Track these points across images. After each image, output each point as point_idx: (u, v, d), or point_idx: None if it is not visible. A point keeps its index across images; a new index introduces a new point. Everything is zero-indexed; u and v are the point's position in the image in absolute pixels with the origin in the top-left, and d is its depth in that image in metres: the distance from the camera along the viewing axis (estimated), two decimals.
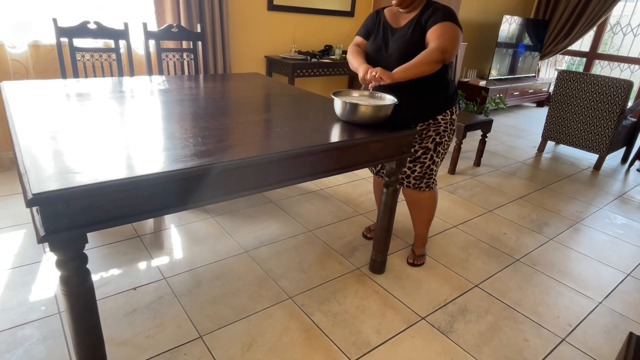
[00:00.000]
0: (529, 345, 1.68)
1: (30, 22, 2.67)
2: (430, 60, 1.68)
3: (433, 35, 1.72)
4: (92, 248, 2.04)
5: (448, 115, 1.93)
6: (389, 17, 1.91)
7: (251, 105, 1.93)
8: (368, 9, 4.38)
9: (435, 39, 1.71)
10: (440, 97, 1.90)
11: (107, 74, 2.85)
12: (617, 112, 3.56)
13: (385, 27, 1.90)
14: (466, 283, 2.03)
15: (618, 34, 5.74)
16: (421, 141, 1.95)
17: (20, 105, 1.58)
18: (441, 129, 1.94)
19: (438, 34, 1.71)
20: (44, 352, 1.45)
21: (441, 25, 1.72)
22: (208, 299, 1.77)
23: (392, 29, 1.87)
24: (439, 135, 1.94)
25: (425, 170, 1.99)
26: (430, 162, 1.98)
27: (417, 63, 1.68)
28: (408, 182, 2.04)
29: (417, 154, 1.97)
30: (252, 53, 3.76)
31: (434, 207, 2.11)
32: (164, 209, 1.16)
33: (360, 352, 1.57)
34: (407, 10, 1.83)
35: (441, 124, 1.93)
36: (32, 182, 0.98)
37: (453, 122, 1.97)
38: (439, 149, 1.97)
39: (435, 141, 1.95)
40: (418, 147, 1.96)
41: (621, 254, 2.43)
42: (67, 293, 1.09)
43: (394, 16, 1.89)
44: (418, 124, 1.93)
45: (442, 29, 1.72)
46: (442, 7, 1.76)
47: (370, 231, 2.36)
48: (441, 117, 1.92)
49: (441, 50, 1.68)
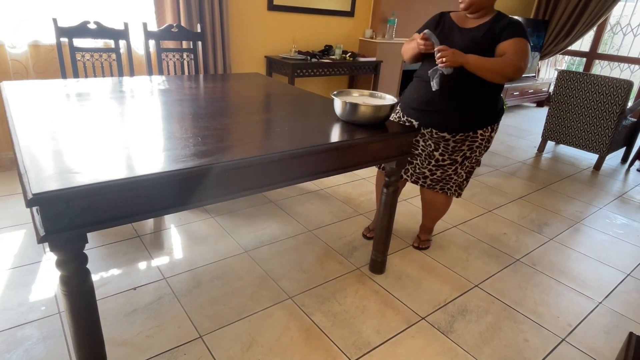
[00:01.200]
0: (529, 345, 1.68)
1: (30, 22, 2.67)
2: (504, 72, 1.66)
3: (511, 48, 1.68)
4: (92, 248, 2.04)
5: (488, 132, 1.89)
6: (455, 18, 1.87)
7: (251, 105, 1.93)
8: (368, 9, 4.38)
9: (514, 53, 1.67)
10: (488, 110, 1.86)
11: (107, 74, 2.85)
12: (617, 112, 3.56)
13: (452, 26, 1.85)
14: (466, 283, 2.03)
15: (618, 34, 5.74)
16: (452, 152, 1.93)
17: (20, 105, 1.58)
18: (475, 144, 1.91)
19: (515, 49, 1.67)
20: (44, 352, 1.45)
21: (519, 41, 1.68)
22: (208, 299, 1.77)
23: (459, 28, 1.83)
24: (471, 150, 1.92)
25: (444, 176, 2.01)
26: (453, 172, 1.99)
27: (492, 66, 1.66)
28: (424, 182, 2.06)
29: (444, 162, 1.96)
30: (252, 53, 3.76)
31: (445, 209, 2.20)
32: (164, 209, 1.16)
33: (360, 352, 1.57)
34: (476, 16, 1.80)
35: (477, 140, 1.90)
36: (32, 182, 0.98)
37: (490, 139, 1.93)
38: (467, 162, 1.97)
39: (465, 155, 1.94)
40: (447, 157, 1.95)
41: (621, 254, 2.43)
42: (67, 293, 1.09)
43: (460, 18, 1.86)
44: (458, 134, 1.87)
45: (520, 46, 1.68)
46: (517, 22, 1.73)
47: (370, 231, 2.36)
48: (480, 132, 1.88)
49: (517, 68, 1.65)
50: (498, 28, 1.73)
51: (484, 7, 1.76)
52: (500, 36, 1.72)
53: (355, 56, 4.10)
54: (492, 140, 1.95)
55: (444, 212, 2.20)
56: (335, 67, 3.88)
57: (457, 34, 1.82)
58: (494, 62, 1.67)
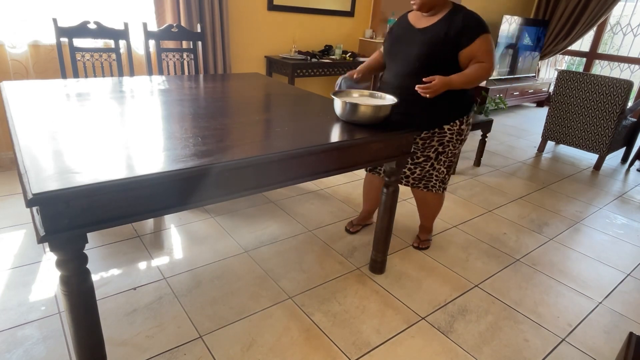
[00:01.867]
0: (529, 345, 1.68)
1: (30, 22, 2.67)
2: (483, 77, 1.74)
3: (480, 51, 1.73)
4: (92, 248, 2.04)
5: (456, 126, 1.91)
6: (412, 18, 1.89)
7: (251, 105, 1.93)
8: (368, 9, 4.38)
9: (483, 55, 1.73)
10: (451, 106, 1.88)
11: (107, 74, 2.85)
12: (617, 112, 3.56)
13: (406, 27, 1.88)
14: (466, 283, 2.03)
15: (618, 34, 5.74)
16: (424, 149, 1.97)
17: (20, 105, 1.58)
18: (445, 139, 1.93)
19: (483, 50, 1.73)
20: (44, 352, 1.45)
21: (483, 41, 1.73)
22: (208, 299, 1.77)
23: (413, 29, 1.85)
24: (442, 145, 1.95)
25: (424, 174, 2.04)
26: (431, 168, 2.02)
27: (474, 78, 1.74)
28: (407, 181, 2.10)
29: (419, 159, 2.00)
30: (252, 53, 3.76)
31: (438, 206, 2.21)
32: (164, 209, 1.16)
33: (360, 352, 1.57)
34: (430, 14, 1.82)
35: (446, 135, 1.92)
36: (32, 182, 0.98)
37: (462, 132, 1.94)
38: (442, 157, 1.98)
39: (438, 151, 1.97)
40: (420, 154, 1.98)
41: (621, 254, 2.43)
42: (67, 293, 1.09)
43: (416, 17, 1.88)
44: (423, 131, 1.92)
45: (485, 45, 1.74)
46: (472, 19, 1.75)
47: (353, 226, 2.38)
48: (448, 127, 1.91)
49: (491, 68, 1.74)
50: (454, 30, 1.74)
51: (436, 5, 1.78)
52: (460, 40, 1.74)
53: (355, 56, 4.10)
54: (465, 134, 1.96)
55: (437, 209, 2.20)
56: (335, 67, 3.88)
57: (411, 36, 1.84)
58: (471, 73, 1.74)
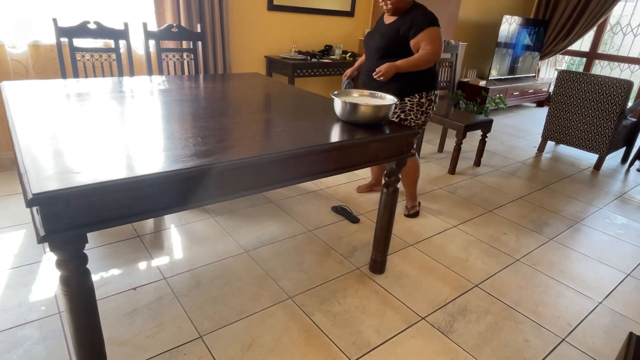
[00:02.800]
0: (529, 345, 1.68)
1: (30, 22, 2.67)
2: (427, 60, 2.12)
3: (425, 40, 2.11)
4: (92, 248, 2.04)
5: (416, 98, 2.27)
6: (385, 17, 2.30)
7: (251, 105, 1.93)
8: (368, 9, 4.38)
9: (428, 43, 2.11)
10: (410, 82, 2.23)
11: (107, 74, 2.85)
12: (617, 112, 3.56)
13: (379, 24, 2.31)
14: (466, 283, 2.03)
15: (618, 34, 5.74)
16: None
17: (20, 105, 1.58)
18: (407, 108, 2.29)
19: (428, 39, 2.11)
20: (44, 352, 1.45)
21: (428, 32, 2.10)
22: (208, 299, 1.77)
23: (382, 25, 2.28)
24: (404, 113, 2.30)
25: None
26: None
27: (417, 61, 2.11)
28: None
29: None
30: (252, 53, 3.76)
31: (415, 171, 2.53)
32: (164, 209, 1.16)
33: (360, 352, 1.57)
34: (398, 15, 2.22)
35: (407, 105, 2.29)
36: (32, 182, 0.98)
37: (422, 104, 2.29)
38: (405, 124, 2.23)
39: (400, 118, 2.31)
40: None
41: (621, 254, 2.43)
42: (67, 293, 1.09)
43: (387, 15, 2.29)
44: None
45: (430, 35, 2.10)
46: (422, 15, 2.12)
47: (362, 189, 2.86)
48: (408, 99, 2.28)
49: (434, 53, 2.11)
50: (405, 25, 2.13)
51: (402, 9, 2.17)
52: (409, 33, 2.13)
53: (355, 56, 4.10)
54: (426, 106, 2.31)
55: (415, 174, 2.53)
56: (335, 67, 3.88)
57: (378, 30, 2.26)
58: (415, 58, 2.11)
